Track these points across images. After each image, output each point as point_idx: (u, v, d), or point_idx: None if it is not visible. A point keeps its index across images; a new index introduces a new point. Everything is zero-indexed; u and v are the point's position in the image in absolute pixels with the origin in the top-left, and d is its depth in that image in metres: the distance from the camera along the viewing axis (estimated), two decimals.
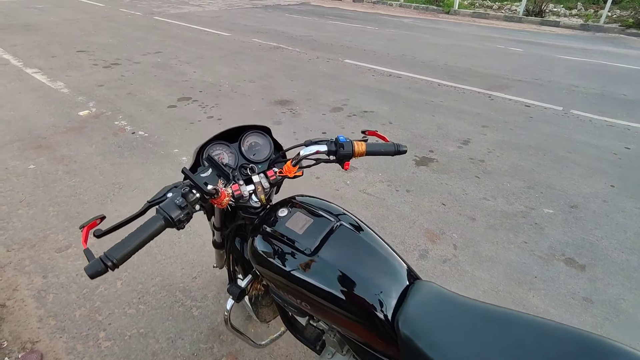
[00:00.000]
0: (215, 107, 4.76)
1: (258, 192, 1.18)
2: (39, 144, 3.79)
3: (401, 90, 5.54)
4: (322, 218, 1.12)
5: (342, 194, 3.10)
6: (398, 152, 1.20)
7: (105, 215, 0.98)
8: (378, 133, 1.31)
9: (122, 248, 0.83)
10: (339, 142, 1.15)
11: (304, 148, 1.17)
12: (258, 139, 1.31)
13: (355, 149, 1.14)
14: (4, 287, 2.22)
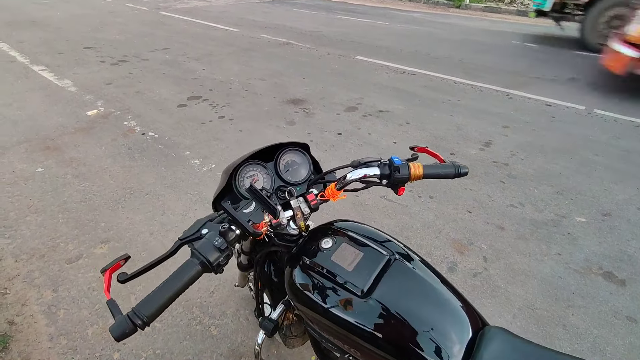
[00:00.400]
0: (226, 107, 4.63)
1: (297, 218, 1.05)
2: (46, 146, 3.68)
3: (416, 89, 5.37)
4: (374, 251, 0.98)
5: (363, 200, 2.96)
6: (459, 174, 1.05)
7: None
8: (429, 149, 1.16)
9: (154, 302, 0.70)
10: (393, 164, 1.01)
11: (351, 171, 1.04)
12: (295, 157, 1.17)
13: (411, 172, 1.00)
14: (12, 301, 2.12)
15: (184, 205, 2.87)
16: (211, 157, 3.54)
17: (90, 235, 2.59)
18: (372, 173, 1.02)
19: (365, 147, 3.73)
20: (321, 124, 4.22)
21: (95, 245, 2.50)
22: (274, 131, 4.05)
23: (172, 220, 2.72)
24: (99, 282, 2.23)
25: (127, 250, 2.44)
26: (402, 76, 5.92)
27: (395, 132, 4.05)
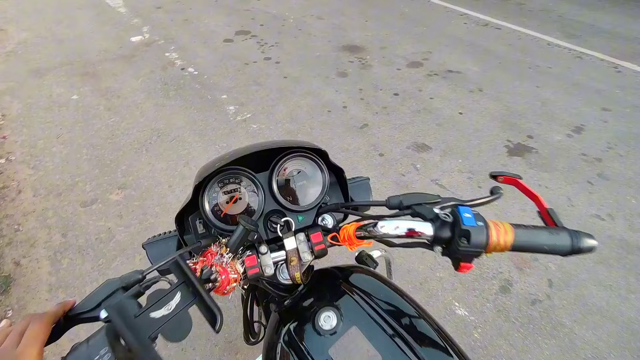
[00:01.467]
0: (274, 47, 4.15)
1: (291, 266, 0.68)
2: (86, 71, 3.53)
3: (499, 47, 4.46)
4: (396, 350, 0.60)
5: (408, 181, 2.50)
6: (577, 250, 0.58)
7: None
8: (522, 183, 0.70)
9: None
10: (459, 222, 0.57)
11: (387, 217, 0.63)
12: (304, 167, 0.77)
13: (492, 241, 0.56)
14: (23, 240, 2.04)
15: (209, 158, 2.58)
16: (248, 104, 3.19)
17: (109, 177, 2.43)
18: (421, 231, 0.59)
19: (423, 115, 3.16)
20: (377, 80, 3.64)
21: (111, 191, 2.34)
22: (322, 82, 3.56)
23: (193, 174, 2.46)
24: (107, 232, 2.09)
25: (141, 202, 2.27)
26: (483, 29, 4.96)
27: (463, 100, 3.39)
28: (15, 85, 3.31)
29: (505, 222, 0.59)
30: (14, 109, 3.03)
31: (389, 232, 0.62)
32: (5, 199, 2.28)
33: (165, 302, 0.45)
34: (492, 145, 2.83)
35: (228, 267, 0.60)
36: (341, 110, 3.18)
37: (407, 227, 0.60)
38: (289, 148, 0.73)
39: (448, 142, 2.86)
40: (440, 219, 0.58)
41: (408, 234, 0.60)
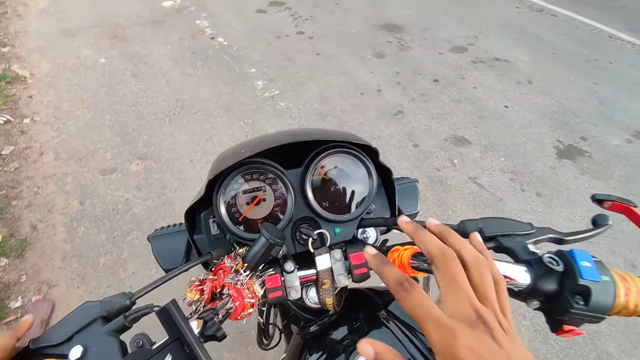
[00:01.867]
0: (308, 21, 3.93)
1: (322, 289, 0.54)
2: (115, 34, 3.44)
3: (553, 36, 4.07)
4: None
5: (444, 177, 2.31)
6: None
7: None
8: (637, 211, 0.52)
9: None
10: (575, 273, 0.41)
11: None
12: (347, 165, 0.61)
13: (617, 302, 0.40)
14: (41, 204, 2.00)
15: (233, 134, 2.48)
16: (277, 80, 3.02)
17: (130, 146, 2.35)
18: (511, 276, 0.43)
19: (465, 105, 2.91)
20: (416, 63, 3.39)
21: (132, 160, 2.27)
22: (357, 62, 3.34)
23: (216, 150, 2.36)
24: (124, 204, 2.02)
25: (161, 175, 2.18)
26: (537, 15, 4.54)
27: (510, 92, 3.10)
28: (46, 44, 3.26)
29: (635, 276, 0.42)
30: (43, 68, 2.98)
31: None
32: (28, 159, 2.25)
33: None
34: (540, 145, 2.58)
35: (244, 290, 0.47)
36: (375, 93, 2.97)
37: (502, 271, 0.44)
38: (332, 141, 0.57)
39: (490, 137, 2.62)
40: (545, 265, 0.42)
41: None
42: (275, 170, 0.56)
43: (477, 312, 0.29)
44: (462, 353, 0.27)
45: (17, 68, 2.95)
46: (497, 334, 0.28)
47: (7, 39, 3.28)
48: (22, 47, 3.21)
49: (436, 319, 0.29)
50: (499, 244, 0.47)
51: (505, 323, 0.30)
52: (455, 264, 0.32)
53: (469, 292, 0.31)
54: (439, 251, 0.33)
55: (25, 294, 1.63)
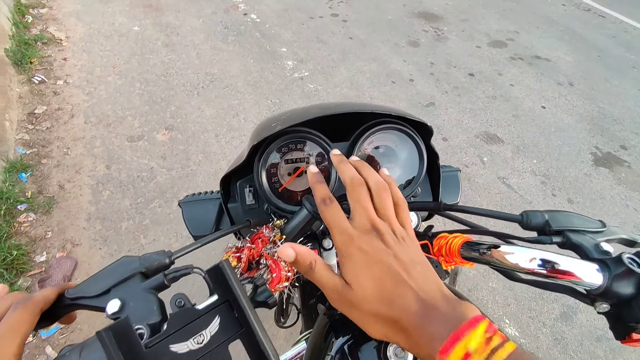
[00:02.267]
0: (343, 3, 3.83)
1: None
2: (150, 3, 3.44)
3: (599, 37, 3.86)
4: None
5: (471, 174, 2.23)
6: None
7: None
8: None
9: None
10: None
11: (516, 247, 0.44)
12: (395, 144, 0.57)
13: None
14: (70, 164, 2.04)
15: (259, 113, 2.46)
16: (307, 61, 2.97)
17: (158, 116, 2.37)
18: (579, 274, 0.39)
19: (499, 102, 2.80)
20: (451, 55, 3.27)
21: (158, 130, 2.28)
22: (390, 49, 3.25)
23: (241, 126, 2.35)
24: (149, 172, 2.04)
25: (186, 147, 2.19)
26: (584, 14, 4.31)
27: (548, 92, 2.96)
28: (82, 8, 3.29)
29: None
30: (78, 32, 3.01)
31: (519, 263, 0.42)
32: (59, 120, 2.28)
33: (195, 329, 0.30)
34: (576, 150, 2.46)
35: (281, 262, 0.44)
36: (407, 83, 2.89)
37: (554, 263, 0.40)
38: (386, 115, 0.54)
39: (524, 137, 2.52)
40: (624, 265, 0.38)
41: (551, 273, 0.40)
42: (322, 142, 0.53)
43: (372, 223, 0.36)
44: (354, 251, 0.35)
45: (53, 30, 2.99)
46: (387, 238, 0.36)
47: (46, 0, 3.31)
48: (59, 10, 3.24)
49: (341, 228, 0.36)
50: (566, 240, 0.43)
51: (401, 232, 0.37)
52: (361, 189, 0.39)
53: (368, 209, 0.37)
54: (350, 178, 0.40)
55: (50, 250, 1.67)
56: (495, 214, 0.49)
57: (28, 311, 0.32)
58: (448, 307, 0.32)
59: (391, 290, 0.33)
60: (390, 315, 0.33)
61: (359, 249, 0.35)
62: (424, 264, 0.36)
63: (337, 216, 0.37)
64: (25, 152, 2.05)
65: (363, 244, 0.35)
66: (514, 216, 0.46)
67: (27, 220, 1.74)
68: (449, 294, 0.33)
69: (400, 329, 0.32)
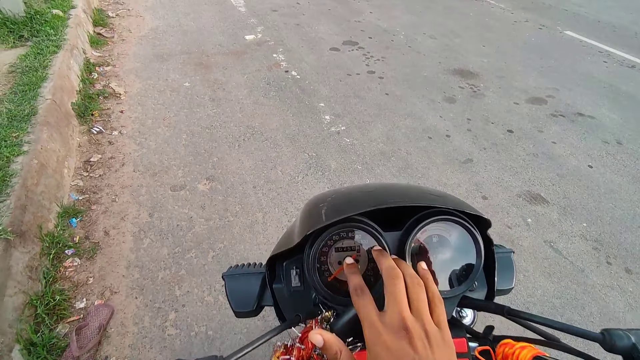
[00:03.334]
0: (380, 61, 3.99)
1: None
2: (200, 61, 3.74)
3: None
4: None
5: (515, 236, 2.12)
6: None
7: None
8: None
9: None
10: None
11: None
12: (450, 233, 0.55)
13: None
14: (116, 211, 2.14)
15: (296, 165, 2.52)
16: (344, 116, 3.06)
17: (200, 167, 2.48)
18: None
19: (542, 160, 2.71)
20: (489, 111, 3.26)
21: (200, 180, 2.37)
22: (426, 105, 3.29)
23: (278, 178, 2.41)
24: (188, 221, 2.10)
25: (224, 197, 2.25)
26: (628, 71, 4.22)
27: (594, 151, 2.85)
28: (141, 66, 3.63)
29: None
30: (135, 87, 3.30)
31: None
32: (111, 169, 2.44)
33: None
34: (632, 214, 2.30)
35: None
36: (444, 138, 2.88)
37: None
38: (438, 208, 0.52)
39: (570, 198, 2.39)
40: None
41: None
42: (374, 232, 0.52)
43: (404, 321, 0.36)
44: (380, 349, 0.35)
45: (114, 85, 3.30)
46: (416, 342, 0.35)
47: (111, 59, 3.70)
48: (121, 67, 3.60)
49: (371, 321, 0.37)
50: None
51: (435, 333, 0.36)
52: (398, 282, 0.39)
53: (402, 305, 0.37)
54: (387, 269, 0.40)
55: (90, 297, 1.71)
56: (570, 329, 0.44)
57: None
58: None
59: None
60: None
61: (386, 347, 0.35)
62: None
63: (368, 308, 0.38)
64: (78, 198, 2.19)
65: (390, 344, 0.35)
66: (594, 334, 0.42)
67: (72, 265, 1.82)
68: None
69: None
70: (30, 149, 2.04)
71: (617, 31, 5.42)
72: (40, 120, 2.26)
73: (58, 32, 3.34)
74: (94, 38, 3.93)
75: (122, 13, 4.73)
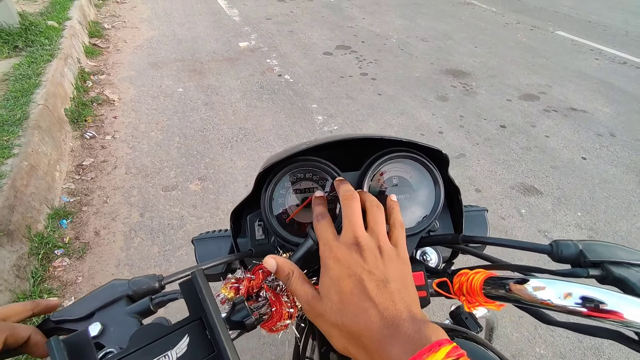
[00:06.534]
0: (373, 64, 4.03)
1: None
2: (194, 68, 3.78)
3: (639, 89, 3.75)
4: None
5: (509, 227, 2.10)
6: None
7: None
8: None
9: None
10: None
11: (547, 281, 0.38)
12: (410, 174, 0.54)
13: None
14: (107, 212, 2.13)
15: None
16: (336, 116, 3.07)
17: (192, 167, 2.48)
18: (623, 312, 0.33)
19: (535, 153, 2.70)
20: (481, 108, 3.27)
21: (192, 180, 2.37)
22: (418, 104, 3.31)
23: None
24: (179, 220, 2.09)
25: (216, 196, 2.24)
26: (620, 67, 4.24)
27: (588, 144, 2.84)
28: (135, 74, 3.67)
29: None
30: (129, 94, 3.33)
31: (551, 300, 0.36)
32: (103, 172, 2.44)
33: (160, 348, 0.27)
34: (626, 202, 2.28)
35: (283, 296, 0.41)
36: (436, 135, 2.89)
37: (595, 301, 0.34)
38: (397, 143, 0.52)
39: (564, 189, 2.37)
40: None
41: (592, 312, 0.34)
42: (331, 171, 0.51)
43: (356, 236, 0.37)
44: (330, 262, 0.36)
45: (108, 93, 3.33)
46: (367, 254, 0.36)
47: (106, 68, 3.74)
48: (115, 76, 3.63)
49: (326, 239, 0.38)
50: (607, 273, 0.36)
51: (389, 250, 0.37)
52: (353, 202, 0.40)
53: (355, 223, 0.38)
54: (344, 192, 0.41)
55: (78, 295, 1.69)
56: (520, 245, 0.43)
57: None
58: (412, 328, 0.30)
59: (357, 304, 0.33)
60: (352, 330, 0.32)
61: (336, 259, 0.36)
62: (401, 283, 0.35)
63: (326, 229, 0.39)
64: (69, 200, 2.18)
65: (340, 256, 0.36)
66: (543, 246, 0.41)
67: (61, 265, 1.80)
68: (418, 316, 0.32)
69: (361, 345, 0.32)
70: (21, 152, 2.04)
71: (608, 30, 5.47)
72: (31, 124, 2.27)
73: (52, 42, 3.39)
74: (89, 48, 3.98)
75: (118, 25, 4.81)
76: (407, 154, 0.52)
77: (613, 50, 4.68)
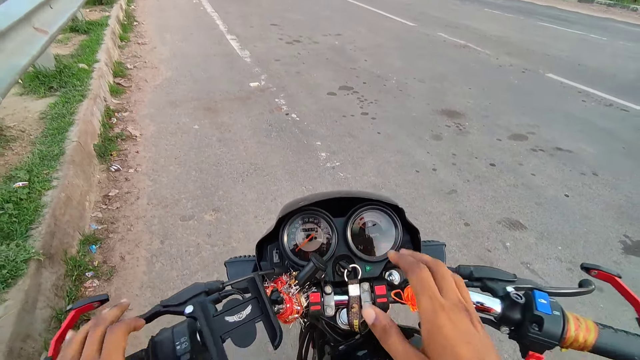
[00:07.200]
0: (373, 104, 4.36)
1: (351, 312, 0.69)
2: (209, 107, 4.13)
3: (624, 131, 4.01)
4: None
5: (494, 258, 2.30)
6: None
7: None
8: (620, 282, 0.63)
9: None
10: (533, 306, 0.53)
11: None
12: (380, 220, 0.79)
13: (567, 335, 0.51)
14: (131, 239, 2.37)
15: (294, 197, 2.76)
16: (339, 153, 3.35)
17: (207, 199, 2.73)
18: (489, 306, 0.58)
19: (522, 191, 2.94)
20: (473, 147, 3.54)
21: (207, 211, 2.62)
22: (414, 142, 3.59)
23: (278, 209, 2.63)
24: (195, 247, 2.32)
25: (229, 226, 2.48)
26: (606, 109, 4.54)
27: (571, 182, 3.08)
28: (155, 111, 4.02)
29: (589, 319, 0.53)
30: (150, 130, 3.65)
31: None
32: (127, 202, 2.70)
33: (238, 310, 0.51)
34: (604, 238, 2.48)
35: (294, 298, 0.64)
36: (430, 172, 3.14)
37: (474, 300, 0.58)
38: (368, 200, 0.77)
39: (547, 224, 2.59)
40: (511, 298, 0.55)
41: (477, 307, 0.58)
42: (326, 217, 0.76)
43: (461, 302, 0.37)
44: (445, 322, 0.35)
45: (131, 129, 3.65)
46: (475, 320, 0.36)
47: (129, 106, 4.10)
48: (137, 113, 3.98)
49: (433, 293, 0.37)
50: (483, 285, 0.61)
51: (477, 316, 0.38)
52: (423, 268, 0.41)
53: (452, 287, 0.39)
54: (410, 262, 0.44)
55: None
56: None
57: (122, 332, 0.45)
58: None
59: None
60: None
61: (452, 322, 0.35)
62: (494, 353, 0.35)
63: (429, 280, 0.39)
64: (97, 228, 2.43)
65: (455, 319, 0.35)
66: (451, 268, 0.64)
67: (91, 285, 2.02)
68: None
69: None
70: (59, 184, 2.32)
71: (596, 73, 5.84)
72: (67, 159, 2.56)
73: (83, 83, 3.76)
74: (113, 87, 4.37)
75: (139, 65, 5.24)
76: (376, 207, 0.76)
77: (600, 93, 5.00)
